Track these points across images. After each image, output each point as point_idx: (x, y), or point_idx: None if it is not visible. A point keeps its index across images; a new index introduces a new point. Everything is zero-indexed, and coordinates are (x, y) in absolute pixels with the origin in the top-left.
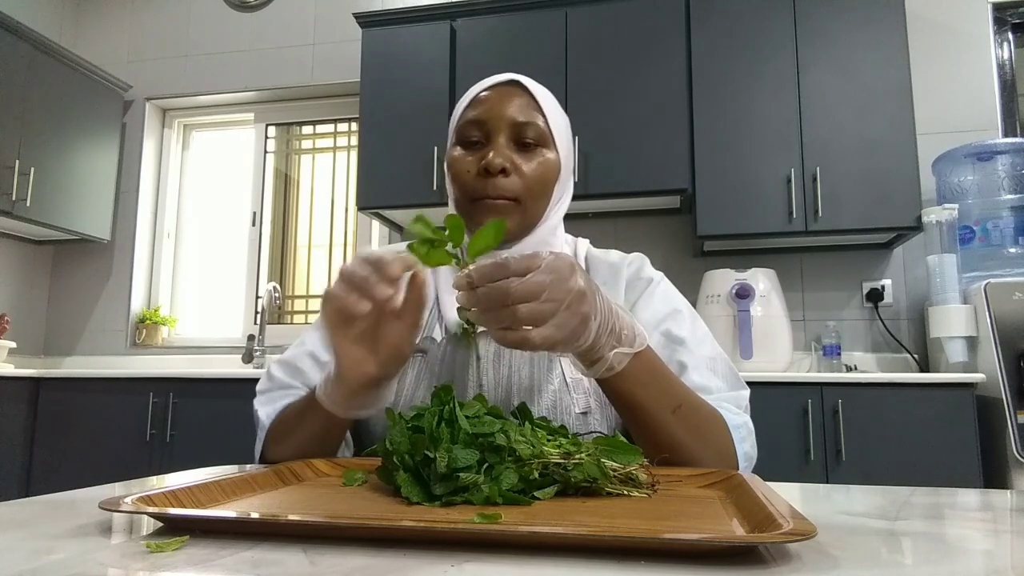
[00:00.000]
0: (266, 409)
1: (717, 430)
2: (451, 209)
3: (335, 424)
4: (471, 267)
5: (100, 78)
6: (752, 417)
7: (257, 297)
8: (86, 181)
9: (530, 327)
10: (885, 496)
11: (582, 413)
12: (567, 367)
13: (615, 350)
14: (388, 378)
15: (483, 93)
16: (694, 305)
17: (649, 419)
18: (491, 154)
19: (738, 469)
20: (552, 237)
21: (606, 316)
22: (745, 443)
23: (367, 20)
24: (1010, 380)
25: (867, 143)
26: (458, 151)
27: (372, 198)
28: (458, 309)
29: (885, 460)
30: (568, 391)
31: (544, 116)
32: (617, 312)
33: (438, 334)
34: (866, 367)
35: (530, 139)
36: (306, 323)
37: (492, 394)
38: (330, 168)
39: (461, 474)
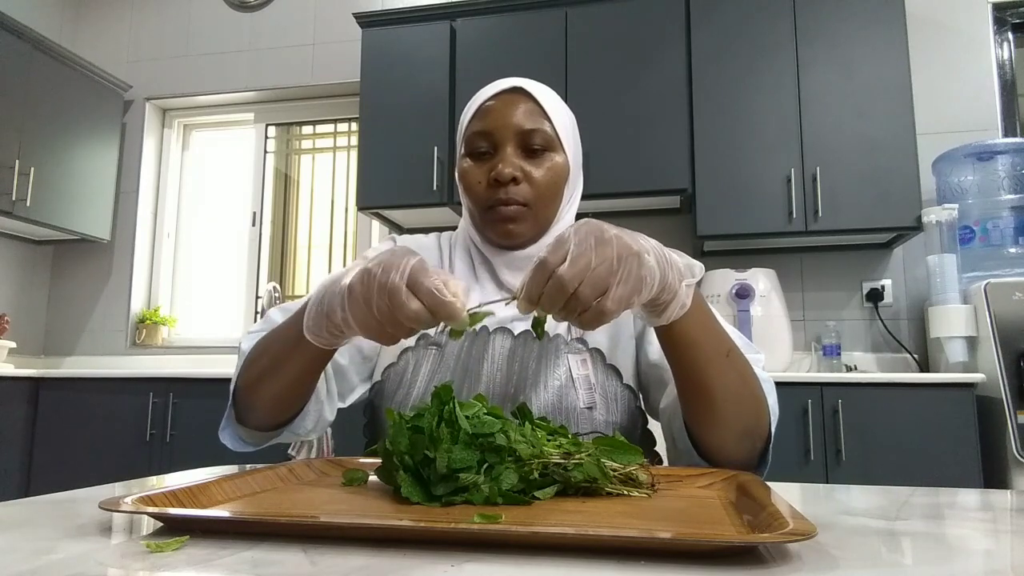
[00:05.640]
0: (251, 342)
1: (754, 379)
2: (464, 216)
3: (317, 358)
4: (519, 290)
5: (100, 78)
6: None
7: (257, 297)
8: (86, 181)
9: (598, 299)
10: (885, 496)
11: (587, 408)
12: (574, 363)
13: (683, 282)
14: None
15: (488, 103)
16: None
17: (708, 364)
18: (500, 164)
19: (769, 421)
20: None
21: (655, 248)
22: (771, 397)
23: (367, 20)
24: (1010, 380)
25: (867, 143)
26: (467, 163)
27: (372, 198)
28: (534, 318)
29: (885, 460)
30: (574, 386)
31: (550, 120)
32: (658, 244)
33: None
34: (866, 367)
35: (537, 145)
36: None
37: (502, 389)
38: (330, 168)
39: (461, 474)
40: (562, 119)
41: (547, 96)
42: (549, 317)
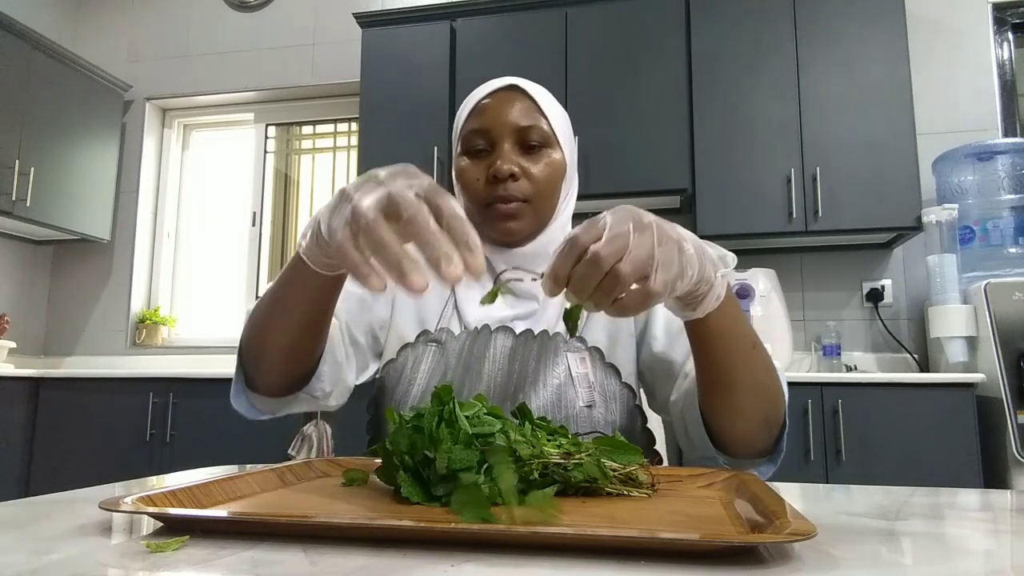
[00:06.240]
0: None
1: (774, 368)
2: None
3: (319, 289)
4: (547, 269)
5: (100, 78)
6: None
7: (257, 297)
8: (86, 181)
9: (639, 284)
10: (885, 496)
11: (586, 407)
12: (573, 362)
13: (718, 272)
14: None
15: (484, 101)
16: None
17: (737, 356)
18: (498, 161)
19: (784, 408)
20: (563, 233)
21: (692, 238)
22: (783, 384)
23: (367, 20)
24: (1010, 380)
25: (867, 143)
26: (465, 161)
27: None
28: (565, 312)
29: (885, 460)
30: (573, 385)
31: (546, 117)
32: (692, 234)
33: (456, 327)
34: (866, 367)
35: (535, 142)
36: None
37: (502, 388)
38: (330, 168)
39: (461, 474)
40: (557, 117)
41: (542, 94)
42: (584, 314)
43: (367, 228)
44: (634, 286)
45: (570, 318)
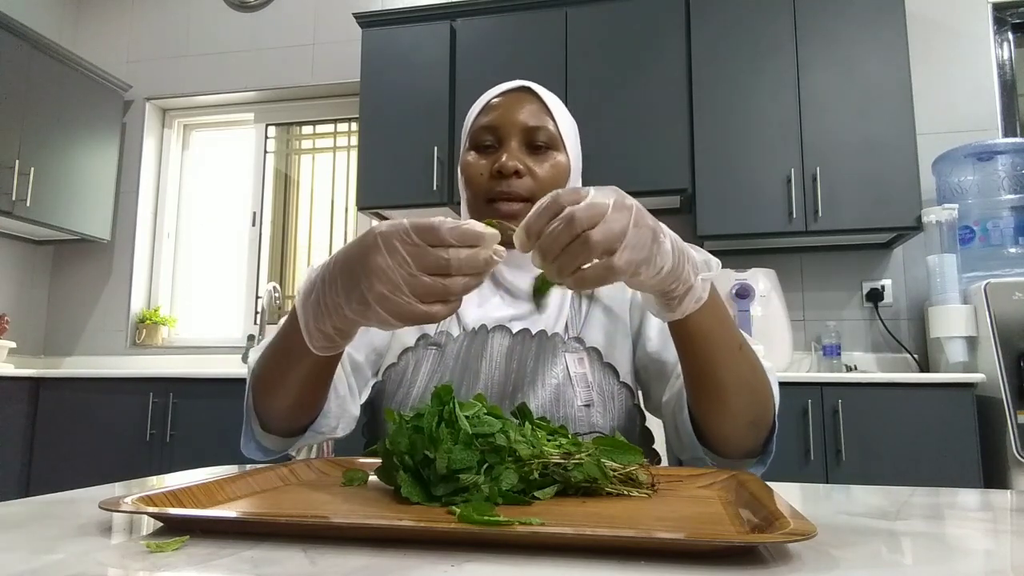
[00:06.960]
0: (257, 356)
1: (763, 370)
2: (463, 212)
3: (324, 366)
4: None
5: (100, 78)
6: None
7: (257, 297)
8: (86, 181)
9: (604, 258)
10: (885, 496)
11: (584, 406)
12: (571, 362)
13: (700, 275)
14: None
15: (495, 99)
16: None
17: (721, 357)
18: (504, 157)
19: (774, 409)
20: None
21: (673, 237)
22: (774, 386)
23: (367, 20)
24: (1010, 380)
25: (867, 143)
26: (472, 156)
27: (372, 198)
28: (537, 282)
29: (885, 460)
30: (571, 385)
31: (554, 120)
32: (676, 236)
33: (455, 329)
34: (866, 367)
35: (541, 142)
36: None
37: (500, 388)
38: (330, 168)
39: (461, 474)
40: (565, 122)
41: (552, 99)
42: (554, 290)
43: (425, 287)
44: (604, 259)
45: (538, 290)
